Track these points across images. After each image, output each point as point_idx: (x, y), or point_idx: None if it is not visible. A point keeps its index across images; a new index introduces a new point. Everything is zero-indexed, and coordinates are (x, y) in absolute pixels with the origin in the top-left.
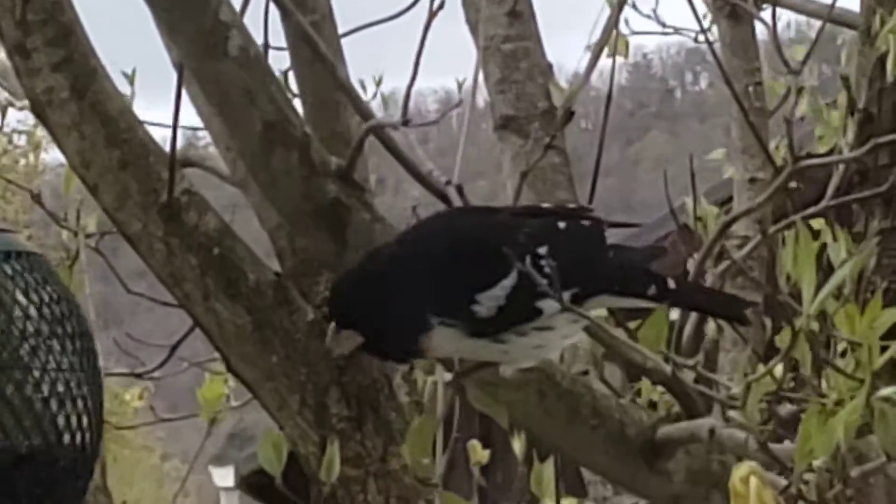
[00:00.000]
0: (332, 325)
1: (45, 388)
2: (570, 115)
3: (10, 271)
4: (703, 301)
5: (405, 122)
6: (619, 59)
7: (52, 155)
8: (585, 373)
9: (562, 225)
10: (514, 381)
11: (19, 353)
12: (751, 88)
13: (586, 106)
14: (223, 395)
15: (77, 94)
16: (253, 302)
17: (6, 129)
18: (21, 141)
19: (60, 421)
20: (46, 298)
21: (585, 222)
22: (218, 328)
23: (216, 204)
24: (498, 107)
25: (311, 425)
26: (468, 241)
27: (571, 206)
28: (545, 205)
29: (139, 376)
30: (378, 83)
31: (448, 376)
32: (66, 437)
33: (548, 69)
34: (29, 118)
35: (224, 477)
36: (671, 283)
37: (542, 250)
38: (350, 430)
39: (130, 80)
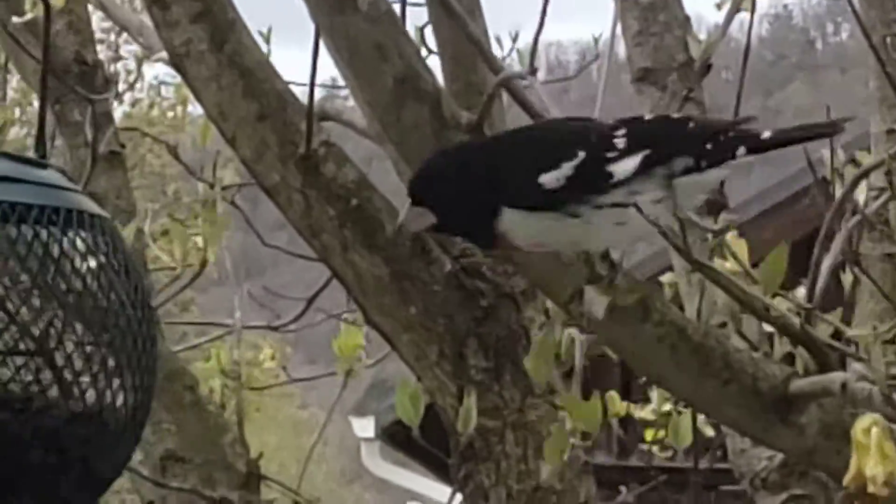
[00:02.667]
0: (408, 202)
1: (105, 352)
2: (708, 67)
3: (82, 233)
4: (797, 134)
5: (533, 73)
6: (759, 11)
7: (195, 107)
8: (723, 325)
9: (647, 117)
10: (645, 336)
11: (91, 314)
12: (888, 39)
13: (726, 57)
14: (359, 345)
15: (215, 46)
16: (391, 253)
17: (153, 82)
18: (169, 93)
19: (115, 385)
20: (114, 262)
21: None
22: (356, 279)
23: (354, 156)
24: (636, 59)
25: (449, 376)
26: (540, 134)
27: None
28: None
29: (276, 329)
30: (514, 39)
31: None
32: (119, 402)
33: (686, 21)
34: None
35: (364, 427)
36: (766, 134)
37: (618, 132)
38: (488, 382)
39: (266, 38)
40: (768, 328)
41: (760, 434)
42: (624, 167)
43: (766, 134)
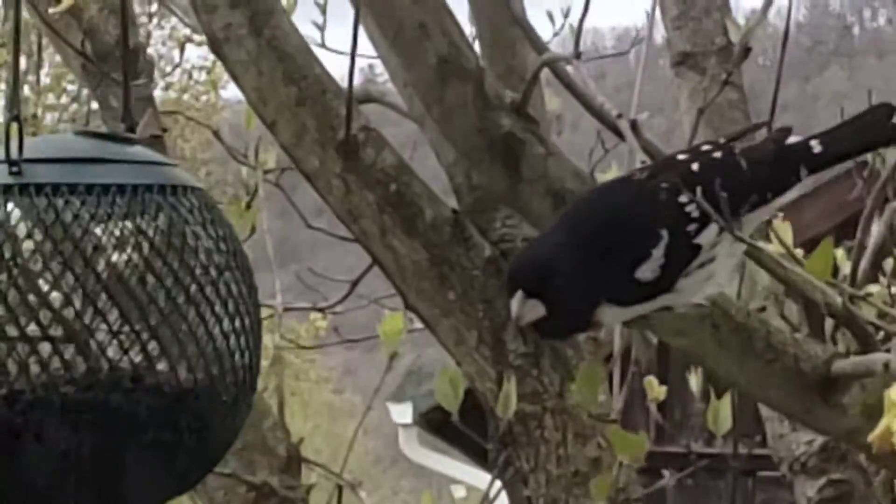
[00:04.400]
0: (520, 293)
1: (212, 323)
2: (747, 51)
3: (187, 205)
4: (853, 144)
5: (577, 56)
6: None
7: (231, 92)
8: (763, 309)
9: (694, 167)
10: (688, 316)
11: (199, 287)
12: None
13: (763, 42)
14: (403, 330)
15: (254, 30)
16: (430, 238)
17: (186, 66)
18: (201, 77)
19: (224, 356)
20: (218, 233)
21: (715, 154)
22: (395, 264)
23: (394, 141)
24: (675, 43)
25: (489, 361)
26: (616, 215)
27: (704, 147)
28: (679, 156)
29: (321, 311)
30: (566, 15)
31: None
32: (229, 373)
33: (725, 5)
34: (209, 55)
35: (402, 413)
36: (817, 148)
37: (683, 198)
38: (527, 367)
39: (322, 9)
40: None
41: (802, 415)
42: (707, 237)
43: (818, 148)
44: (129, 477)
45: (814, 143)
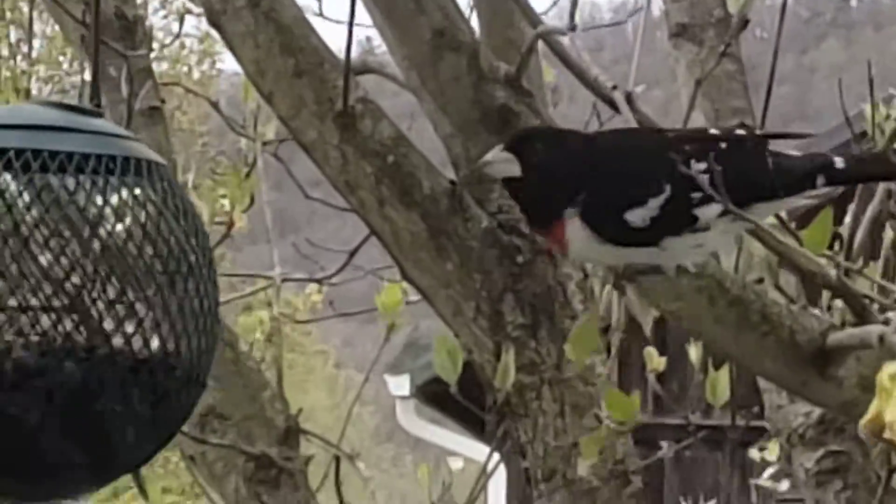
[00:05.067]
0: (500, 146)
1: (169, 299)
2: (745, 22)
3: (149, 179)
4: (877, 169)
5: (572, 28)
6: None
7: (229, 64)
8: (760, 281)
9: (722, 145)
10: (683, 288)
11: (162, 261)
12: None
13: (761, 14)
14: (401, 301)
15: (252, 2)
16: (427, 209)
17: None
18: (195, 47)
19: (178, 331)
20: (179, 210)
21: (747, 141)
22: (393, 235)
23: (391, 113)
24: (673, 14)
25: (486, 332)
26: (634, 152)
27: (738, 131)
28: (712, 131)
29: (318, 282)
30: None
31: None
32: (184, 346)
33: None
34: (202, 24)
35: (400, 385)
36: (839, 164)
37: (700, 166)
38: (525, 338)
39: None
40: None
41: (798, 387)
42: (708, 213)
43: (840, 163)
44: (79, 446)
45: (838, 159)
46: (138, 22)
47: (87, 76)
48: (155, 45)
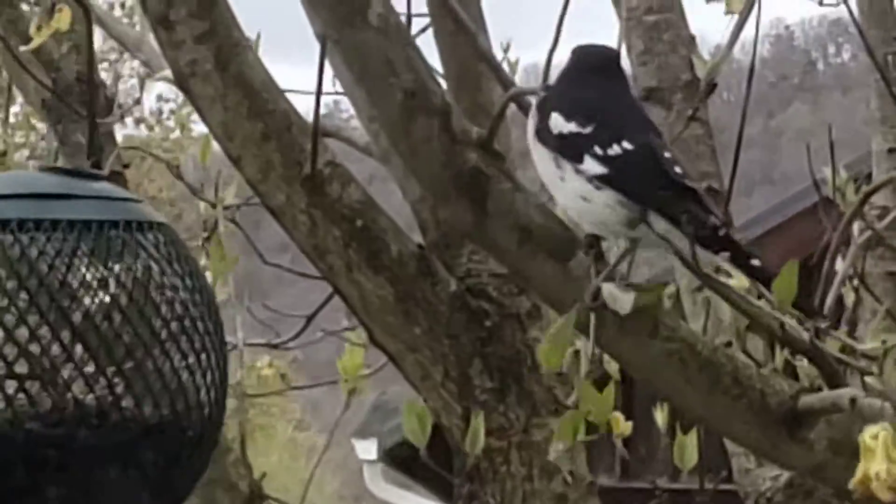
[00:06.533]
0: None
1: (177, 359)
2: (712, 86)
3: (152, 241)
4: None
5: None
6: (761, 32)
7: (200, 127)
8: (728, 344)
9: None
10: (655, 351)
11: (165, 323)
12: (889, 58)
13: (728, 78)
14: (363, 365)
15: (220, 65)
16: (396, 274)
17: (159, 104)
18: (169, 114)
19: (189, 391)
20: (183, 269)
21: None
22: (361, 300)
23: (359, 176)
24: (641, 78)
25: (455, 397)
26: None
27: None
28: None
29: (276, 347)
30: (505, 50)
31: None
32: (195, 409)
33: (690, 40)
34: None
35: (367, 450)
36: (755, 262)
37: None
38: (493, 402)
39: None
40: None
41: (769, 450)
42: (590, 168)
43: (756, 263)
44: None
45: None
46: (100, 86)
47: (54, 142)
48: (126, 112)
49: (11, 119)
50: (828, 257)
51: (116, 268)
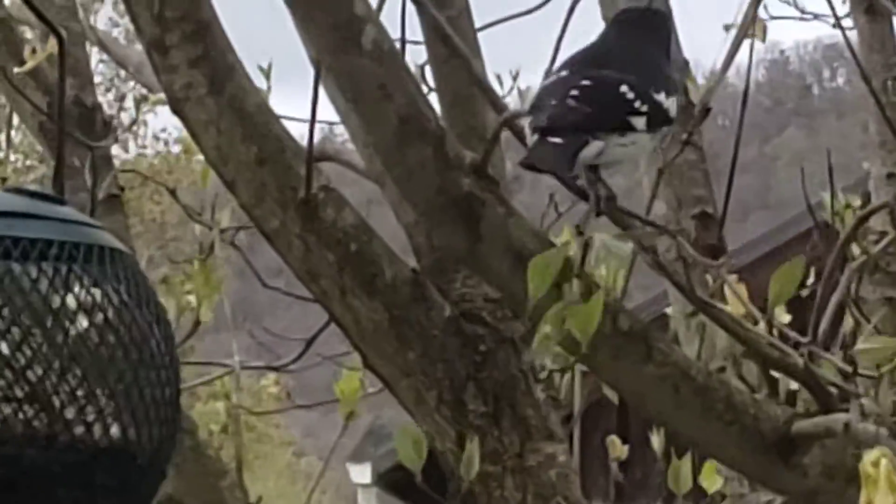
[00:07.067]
0: None
1: (129, 385)
2: (706, 111)
3: (113, 267)
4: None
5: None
6: (756, 56)
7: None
8: (722, 369)
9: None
10: (648, 376)
11: (123, 349)
12: (889, 83)
13: (723, 103)
14: (360, 389)
15: (215, 90)
16: (390, 298)
17: (160, 134)
18: (173, 141)
19: (140, 420)
20: (142, 298)
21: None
22: (355, 324)
23: (353, 200)
24: None
25: (449, 421)
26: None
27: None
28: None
29: (276, 370)
30: (515, 77)
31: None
32: (144, 435)
33: (685, 65)
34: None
35: (361, 474)
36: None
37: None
38: (487, 427)
39: (267, 74)
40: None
41: (763, 475)
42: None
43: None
44: None
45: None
46: (96, 110)
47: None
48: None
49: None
50: (822, 280)
51: (76, 289)
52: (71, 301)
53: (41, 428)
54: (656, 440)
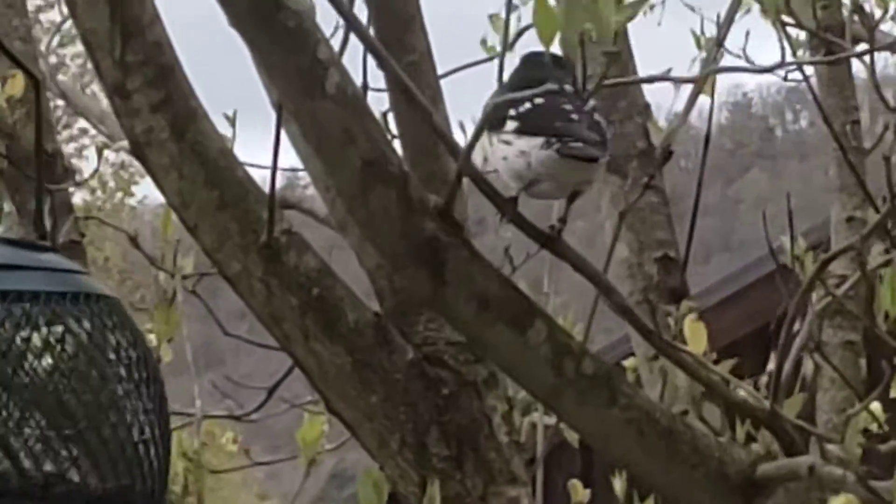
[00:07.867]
0: None
1: (122, 433)
2: (668, 154)
3: (99, 313)
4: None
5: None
6: (718, 99)
7: (155, 195)
8: (685, 413)
9: None
10: (613, 420)
11: (111, 396)
12: (848, 127)
13: (685, 145)
14: (322, 435)
15: (176, 134)
16: (353, 342)
17: (108, 169)
18: (110, 180)
19: (134, 465)
20: (129, 342)
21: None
22: (318, 368)
23: (315, 244)
24: None
25: (412, 465)
26: None
27: None
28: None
29: (238, 419)
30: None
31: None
32: (138, 481)
33: (646, 108)
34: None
35: None
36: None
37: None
38: (450, 470)
39: (231, 121)
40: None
41: None
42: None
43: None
44: None
45: None
46: (57, 155)
47: (7, 208)
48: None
49: None
50: (785, 324)
51: (65, 339)
52: (59, 350)
53: (36, 478)
54: (618, 484)
